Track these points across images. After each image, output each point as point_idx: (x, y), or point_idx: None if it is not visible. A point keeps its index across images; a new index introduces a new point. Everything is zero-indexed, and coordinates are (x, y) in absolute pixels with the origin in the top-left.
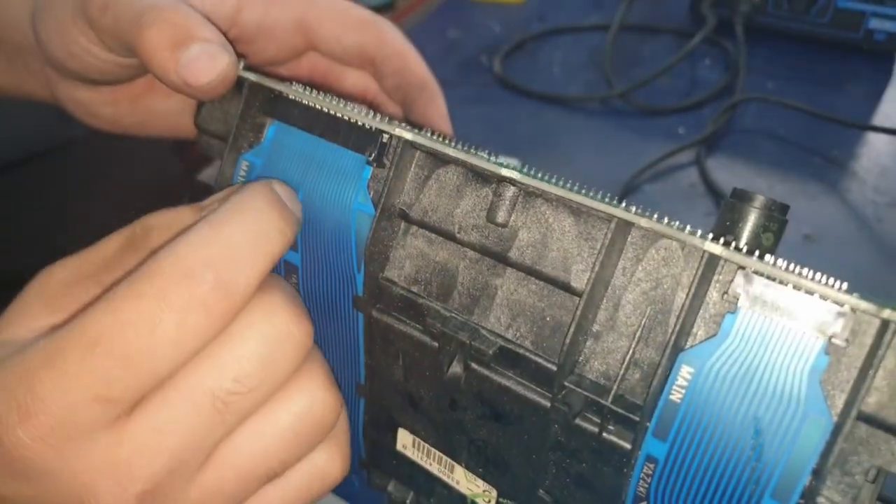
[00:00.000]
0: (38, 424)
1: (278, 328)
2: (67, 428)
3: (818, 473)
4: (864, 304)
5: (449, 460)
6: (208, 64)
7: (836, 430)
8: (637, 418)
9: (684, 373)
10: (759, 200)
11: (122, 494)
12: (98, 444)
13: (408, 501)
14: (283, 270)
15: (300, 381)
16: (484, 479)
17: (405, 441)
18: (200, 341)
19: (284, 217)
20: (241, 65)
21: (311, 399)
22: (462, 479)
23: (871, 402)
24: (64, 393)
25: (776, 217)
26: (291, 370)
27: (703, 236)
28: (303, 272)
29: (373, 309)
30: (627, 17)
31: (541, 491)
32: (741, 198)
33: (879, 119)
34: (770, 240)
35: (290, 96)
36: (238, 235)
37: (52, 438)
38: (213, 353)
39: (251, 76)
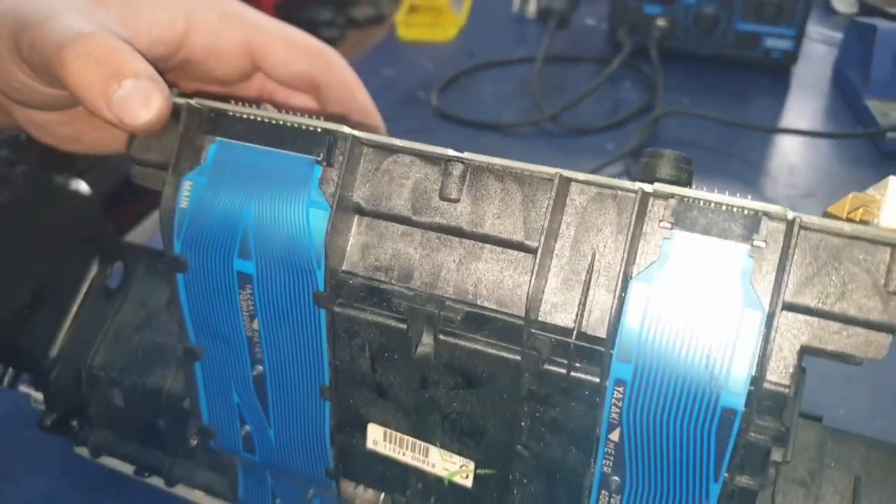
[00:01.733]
0: None
1: None
2: None
3: (760, 362)
4: (773, 209)
5: (423, 444)
6: (142, 104)
7: (769, 320)
8: (601, 349)
9: (637, 295)
10: (668, 154)
11: None
12: None
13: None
14: (236, 281)
15: None
16: (460, 453)
17: (376, 436)
18: None
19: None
20: (175, 93)
21: None
22: (438, 461)
23: (790, 291)
24: None
25: (684, 168)
26: None
27: (633, 182)
28: (258, 280)
29: (335, 304)
30: (551, 49)
31: (518, 447)
32: (652, 155)
33: (784, 124)
34: (684, 183)
35: (231, 113)
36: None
37: None
38: None
39: (189, 101)
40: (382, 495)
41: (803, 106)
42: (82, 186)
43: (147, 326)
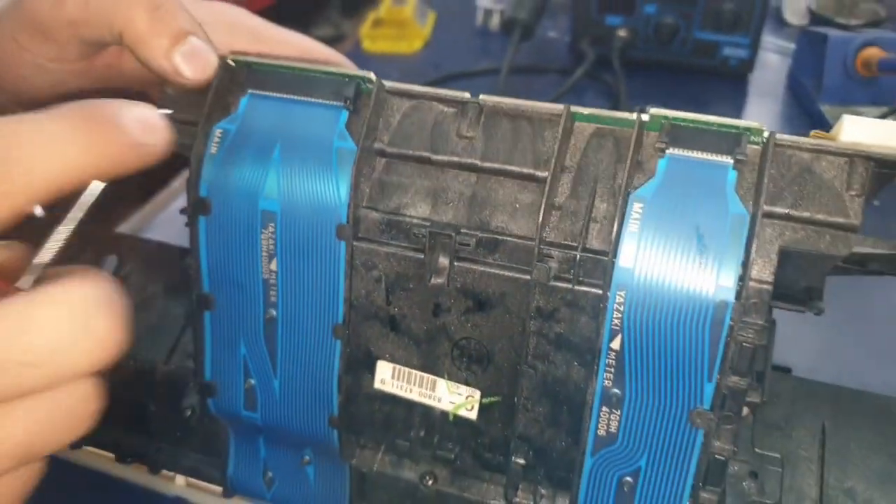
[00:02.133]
0: None
1: (92, 317)
2: None
3: (746, 262)
4: (753, 125)
5: (430, 378)
6: (204, 60)
7: (752, 222)
8: (605, 258)
9: (636, 208)
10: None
11: None
12: None
13: (376, 462)
14: (259, 219)
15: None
16: (466, 383)
17: (384, 374)
18: None
19: (99, 134)
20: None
21: (77, 398)
22: (444, 394)
23: (768, 199)
24: None
25: None
26: (88, 367)
27: (631, 113)
28: (282, 217)
29: (355, 238)
30: (515, 61)
31: (524, 366)
32: (641, 110)
33: None
34: None
35: (263, 67)
36: (32, 135)
37: None
38: (13, 316)
39: (223, 58)
40: (381, 451)
41: (760, 111)
42: None
43: (142, 310)
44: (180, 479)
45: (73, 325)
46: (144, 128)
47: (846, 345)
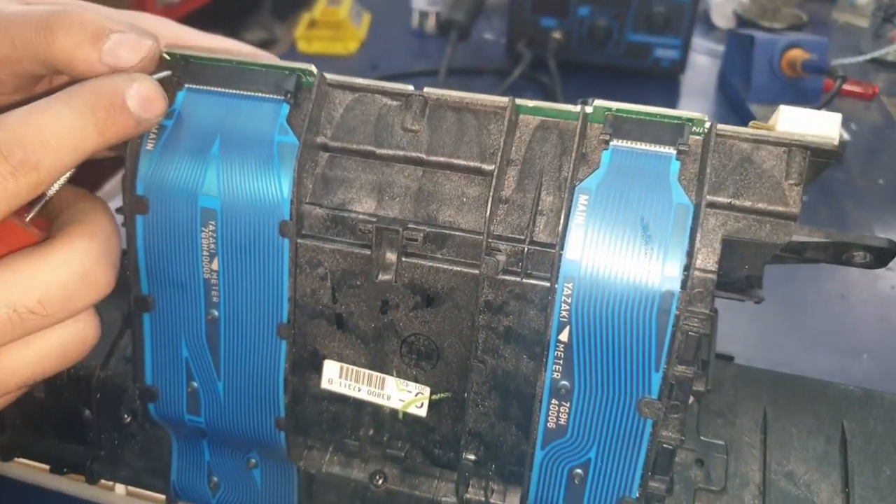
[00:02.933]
0: None
1: (91, 270)
2: None
3: (690, 252)
4: (695, 116)
5: (379, 376)
6: (132, 49)
7: (695, 212)
8: (552, 250)
9: (582, 200)
10: (594, 101)
11: None
12: None
13: (324, 463)
14: (199, 218)
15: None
16: (416, 380)
17: (332, 374)
18: (7, 205)
19: (109, 118)
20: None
21: (84, 333)
22: (393, 392)
23: (710, 189)
24: None
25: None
26: (84, 308)
27: (575, 105)
28: (222, 215)
29: (299, 235)
30: (452, 62)
31: (474, 361)
32: (584, 102)
33: None
34: None
35: (200, 60)
36: (52, 124)
37: None
38: (27, 270)
39: (161, 52)
40: (329, 451)
41: (693, 110)
42: None
43: None
44: (120, 489)
45: (76, 280)
46: (146, 103)
47: (782, 332)
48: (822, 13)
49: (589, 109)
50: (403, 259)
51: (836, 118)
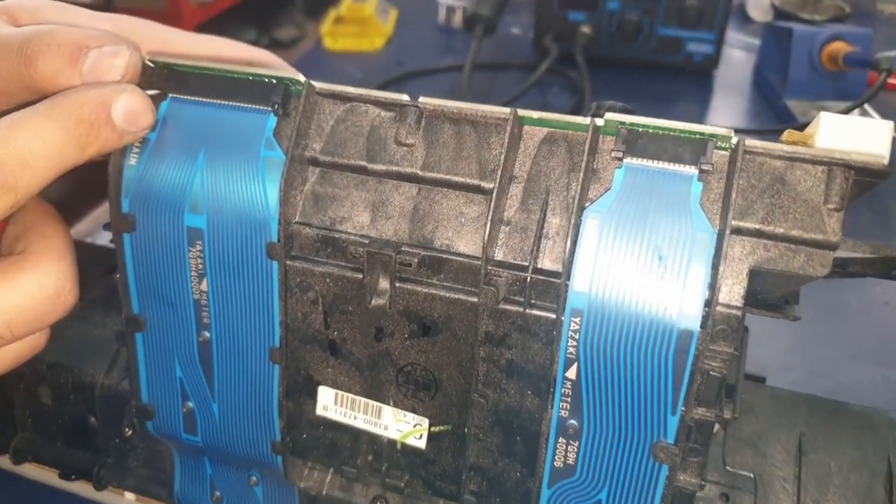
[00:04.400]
0: None
1: (61, 290)
2: None
3: (712, 285)
4: (719, 131)
5: (375, 404)
6: (112, 61)
7: (718, 241)
8: (558, 280)
9: (591, 225)
10: (612, 103)
11: None
12: None
13: (325, 486)
14: (185, 237)
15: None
16: (414, 410)
17: (326, 400)
18: None
19: (93, 133)
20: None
21: (42, 334)
22: (391, 422)
23: (737, 214)
24: None
25: (629, 110)
26: (52, 322)
27: (585, 118)
28: (209, 235)
29: (288, 256)
30: (478, 57)
31: (474, 395)
32: (598, 106)
33: (708, 124)
34: None
35: (183, 68)
36: (33, 142)
37: None
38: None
39: (144, 60)
40: (330, 474)
41: (726, 107)
42: None
43: (81, 320)
44: (129, 495)
45: (47, 302)
46: (132, 118)
47: (822, 341)
48: (866, 3)
49: (600, 122)
50: (397, 285)
51: (886, 128)
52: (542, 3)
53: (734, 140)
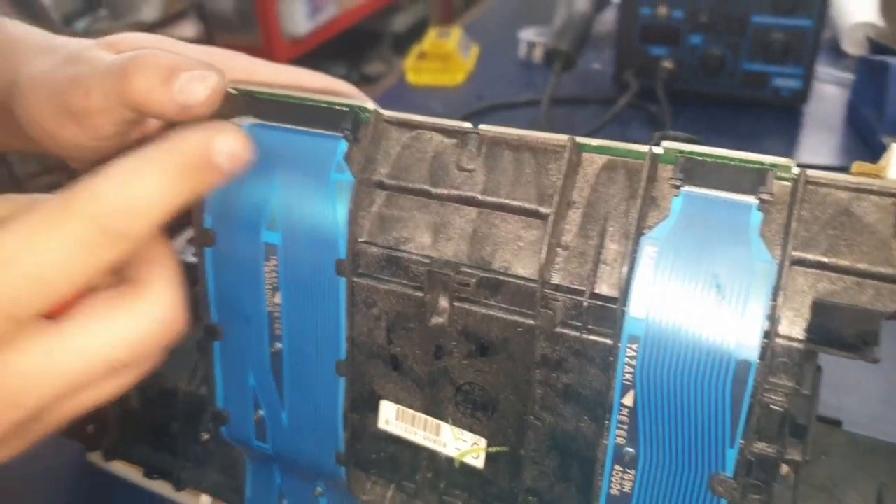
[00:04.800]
0: None
1: (177, 319)
2: None
3: (772, 316)
4: (780, 161)
5: (435, 421)
6: (199, 85)
7: (779, 272)
8: (615, 306)
9: (649, 252)
10: (675, 133)
11: None
12: None
13: (387, 500)
14: (262, 252)
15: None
16: (472, 429)
17: (388, 414)
18: (93, 273)
19: (198, 177)
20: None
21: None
22: (449, 440)
23: (799, 245)
24: None
25: (692, 139)
26: (168, 346)
27: (643, 146)
28: (283, 251)
29: (354, 274)
30: (558, 92)
31: (530, 417)
32: (662, 136)
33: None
34: None
35: (263, 96)
36: (147, 191)
37: None
38: (123, 324)
39: (230, 88)
40: (391, 489)
41: (816, 143)
42: None
43: None
44: (205, 498)
45: (165, 331)
46: (233, 158)
47: None
48: None
49: (658, 150)
50: (456, 304)
51: None
52: (623, 38)
53: (795, 170)
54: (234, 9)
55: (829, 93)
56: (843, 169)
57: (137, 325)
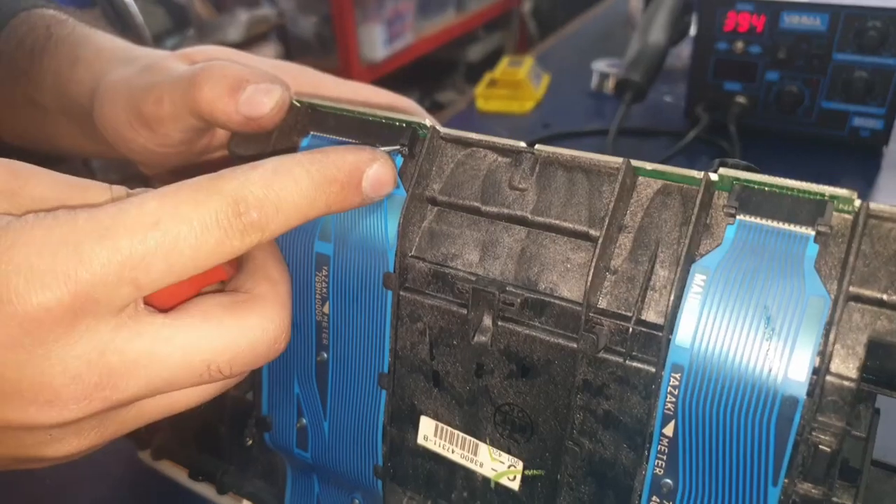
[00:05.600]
0: (70, 288)
1: (281, 335)
2: (92, 306)
3: (823, 352)
4: (840, 192)
5: (473, 440)
6: (265, 97)
7: (833, 307)
8: (660, 333)
9: (698, 280)
10: (734, 160)
11: (94, 396)
12: (102, 332)
13: None
14: (314, 262)
15: None
16: (509, 451)
17: (427, 430)
18: (225, 258)
19: (341, 194)
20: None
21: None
22: (486, 460)
23: (857, 281)
24: (108, 268)
25: (751, 167)
26: (263, 365)
27: (699, 172)
28: (334, 261)
29: (401, 287)
30: (627, 123)
31: (568, 442)
32: (721, 164)
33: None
34: None
35: (324, 108)
36: (290, 191)
37: (74, 312)
38: (230, 329)
39: (293, 100)
40: None
41: None
42: None
43: None
44: (246, 503)
45: (265, 347)
46: (378, 186)
47: None
48: None
49: (714, 177)
50: (500, 323)
51: None
52: (696, 71)
53: (857, 203)
54: (314, 32)
55: None
56: None
57: (244, 337)
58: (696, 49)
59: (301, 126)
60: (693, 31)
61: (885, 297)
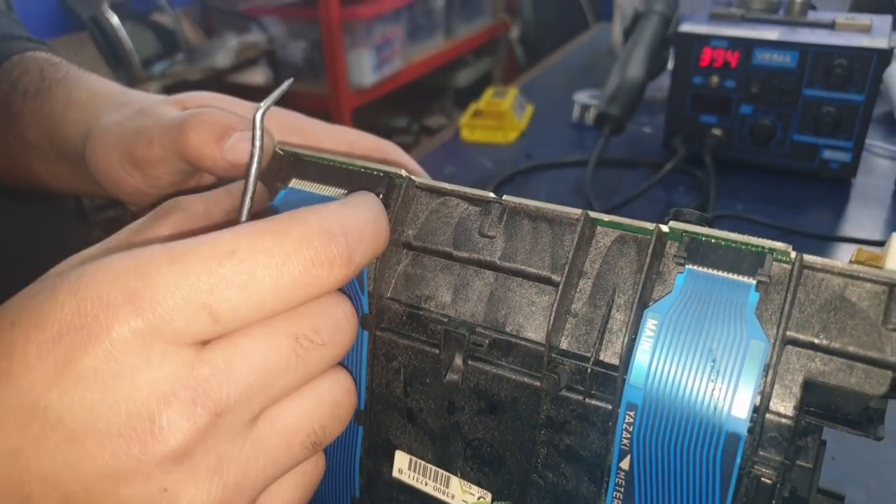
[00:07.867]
0: (143, 316)
1: (348, 314)
2: (166, 329)
3: (763, 392)
4: (778, 246)
5: (445, 474)
6: (248, 144)
7: (772, 350)
8: (616, 373)
9: (650, 325)
10: (688, 211)
11: (193, 411)
12: (183, 356)
13: None
14: None
15: (342, 368)
16: (479, 484)
17: (401, 464)
18: (313, 293)
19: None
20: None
21: (348, 384)
22: (458, 492)
23: (793, 326)
24: (178, 290)
25: (703, 219)
26: (347, 349)
27: (651, 223)
28: None
29: (377, 328)
30: (606, 154)
31: (534, 475)
32: (676, 213)
33: (842, 234)
34: None
35: (305, 157)
36: (367, 221)
37: (148, 335)
38: (301, 308)
39: (277, 148)
40: None
41: (864, 216)
42: None
43: None
44: None
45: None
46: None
47: None
48: None
49: (665, 228)
50: (470, 363)
51: None
52: (674, 104)
53: (793, 255)
54: (303, 58)
55: (881, 166)
56: (883, 244)
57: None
58: (674, 83)
59: (284, 174)
60: (670, 65)
61: (817, 340)
